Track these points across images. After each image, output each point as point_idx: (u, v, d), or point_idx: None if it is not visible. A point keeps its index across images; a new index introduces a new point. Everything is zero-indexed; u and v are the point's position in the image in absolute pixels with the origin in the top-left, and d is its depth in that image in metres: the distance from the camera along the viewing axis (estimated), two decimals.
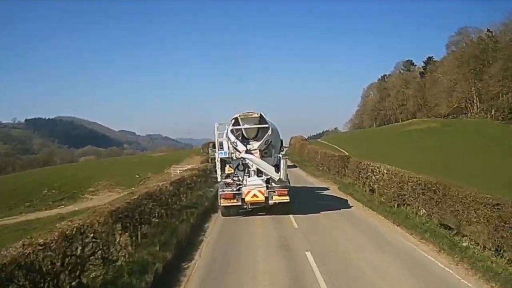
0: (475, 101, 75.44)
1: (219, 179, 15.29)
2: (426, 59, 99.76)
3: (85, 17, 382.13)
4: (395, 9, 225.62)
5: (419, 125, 68.91)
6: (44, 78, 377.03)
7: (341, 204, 17.22)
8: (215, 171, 16.37)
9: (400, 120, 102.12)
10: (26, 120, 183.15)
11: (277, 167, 14.72)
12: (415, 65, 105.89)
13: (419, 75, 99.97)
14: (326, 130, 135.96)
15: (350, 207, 16.63)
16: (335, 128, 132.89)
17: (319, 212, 15.30)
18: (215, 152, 15.24)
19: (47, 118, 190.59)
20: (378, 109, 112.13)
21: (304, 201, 17.16)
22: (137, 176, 39.23)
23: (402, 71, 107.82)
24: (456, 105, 77.68)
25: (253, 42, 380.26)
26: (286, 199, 14.55)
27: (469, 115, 76.21)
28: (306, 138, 71.20)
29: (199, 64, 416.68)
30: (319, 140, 79.40)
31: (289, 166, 39.22)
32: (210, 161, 27.68)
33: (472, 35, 78.22)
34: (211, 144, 44.50)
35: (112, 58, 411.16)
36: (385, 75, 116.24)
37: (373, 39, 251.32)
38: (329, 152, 32.90)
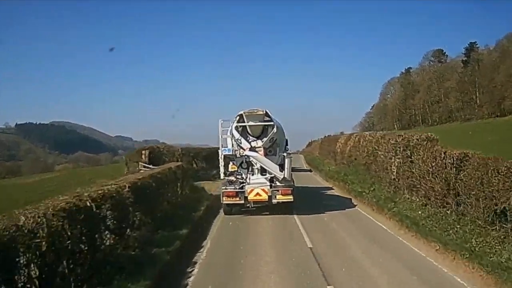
0: None
1: (222, 177, 15.46)
2: (468, 45, 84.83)
3: (83, 18, 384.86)
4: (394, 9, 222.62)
5: None
6: (41, 82, 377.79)
7: None
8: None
9: (429, 120, 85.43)
10: (16, 125, 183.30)
11: (281, 166, 14.86)
12: (447, 55, 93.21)
13: (461, 64, 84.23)
14: (328, 135, 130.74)
15: None
16: (341, 133, 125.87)
17: None
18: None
19: (38, 123, 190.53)
20: (403, 108, 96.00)
21: None
22: None
23: (431, 62, 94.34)
24: None
25: (254, 44, 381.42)
26: (290, 198, 14.67)
27: None
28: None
29: (199, 67, 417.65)
30: None
31: (303, 170, 34.95)
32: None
33: None
34: (144, 153, 24.25)
35: (111, 64, 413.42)
36: (410, 68, 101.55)
37: (372, 40, 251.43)
38: None
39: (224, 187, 14.89)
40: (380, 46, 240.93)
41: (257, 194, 14.69)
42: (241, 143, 14.97)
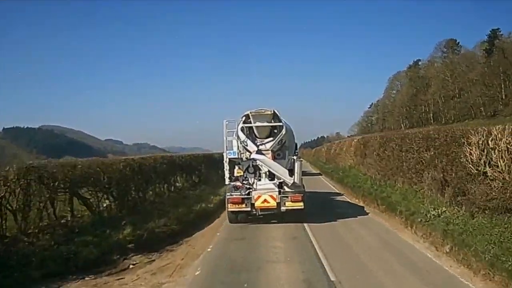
0: None
1: (227, 182, 14.57)
2: (490, 32, 73.50)
3: (72, 21, 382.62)
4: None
5: None
6: (31, 87, 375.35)
7: None
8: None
9: (443, 118, 74.41)
10: (4, 129, 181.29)
11: (290, 171, 13.98)
12: (461, 46, 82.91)
13: (484, 53, 73.03)
14: (322, 136, 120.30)
15: None
16: (337, 133, 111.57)
17: None
18: None
19: (25, 127, 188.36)
20: (413, 104, 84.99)
21: None
22: None
23: (444, 53, 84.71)
24: None
25: (250, 45, 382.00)
26: (300, 205, 13.77)
27: None
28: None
29: (194, 69, 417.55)
30: None
31: (313, 174, 33.24)
32: None
33: None
34: None
35: (103, 66, 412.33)
36: (418, 60, 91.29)
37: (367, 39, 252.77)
38: None
39: (229, 194, 14.01)
40: (375, 45, 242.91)
41: (265, 200, 13.81)
42: (247, 145, 14.10)
